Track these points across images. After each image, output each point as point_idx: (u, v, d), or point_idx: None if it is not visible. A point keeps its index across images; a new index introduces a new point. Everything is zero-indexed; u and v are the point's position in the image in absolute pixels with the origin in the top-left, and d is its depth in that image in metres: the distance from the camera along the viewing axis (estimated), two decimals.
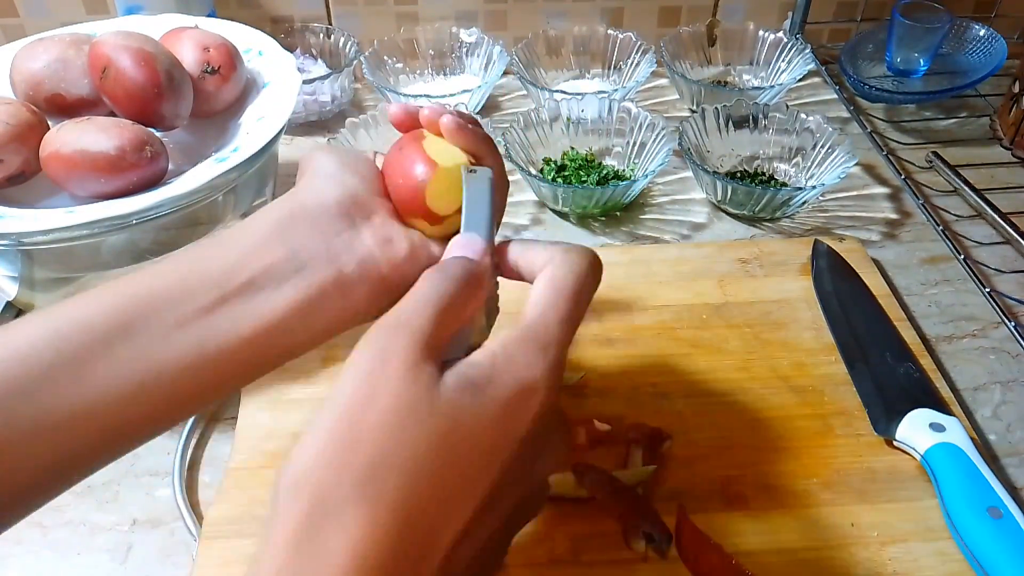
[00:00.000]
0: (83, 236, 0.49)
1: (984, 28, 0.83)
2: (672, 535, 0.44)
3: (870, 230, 0.70)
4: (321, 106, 0.82)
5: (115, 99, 0.55)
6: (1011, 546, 0.42)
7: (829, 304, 0.59)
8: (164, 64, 0.55)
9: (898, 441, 0.49)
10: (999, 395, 0.55)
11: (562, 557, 0.44)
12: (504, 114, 0.86)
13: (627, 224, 0.71)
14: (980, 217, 0.70)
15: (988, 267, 0.65)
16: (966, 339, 0.59)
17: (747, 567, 0.43)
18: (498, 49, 0.84)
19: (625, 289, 0.61)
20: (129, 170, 0.51)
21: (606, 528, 0.45)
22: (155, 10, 0.73)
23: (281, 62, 0.63)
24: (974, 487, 0.45)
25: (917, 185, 0.74)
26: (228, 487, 0.48)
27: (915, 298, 0.63)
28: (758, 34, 0.87)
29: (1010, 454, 0.51)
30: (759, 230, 0.70)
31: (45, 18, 0.85)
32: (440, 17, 0.89)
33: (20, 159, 0.52)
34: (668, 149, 0.69)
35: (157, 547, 0.47)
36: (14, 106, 0.53)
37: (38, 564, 0.46)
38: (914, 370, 0.54)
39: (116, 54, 0.54)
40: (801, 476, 0.48)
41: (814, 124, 0.72)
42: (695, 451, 0.50)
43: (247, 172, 0.55)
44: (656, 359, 0.56)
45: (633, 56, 0.86)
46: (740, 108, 0.74)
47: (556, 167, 0.74)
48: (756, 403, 0.53)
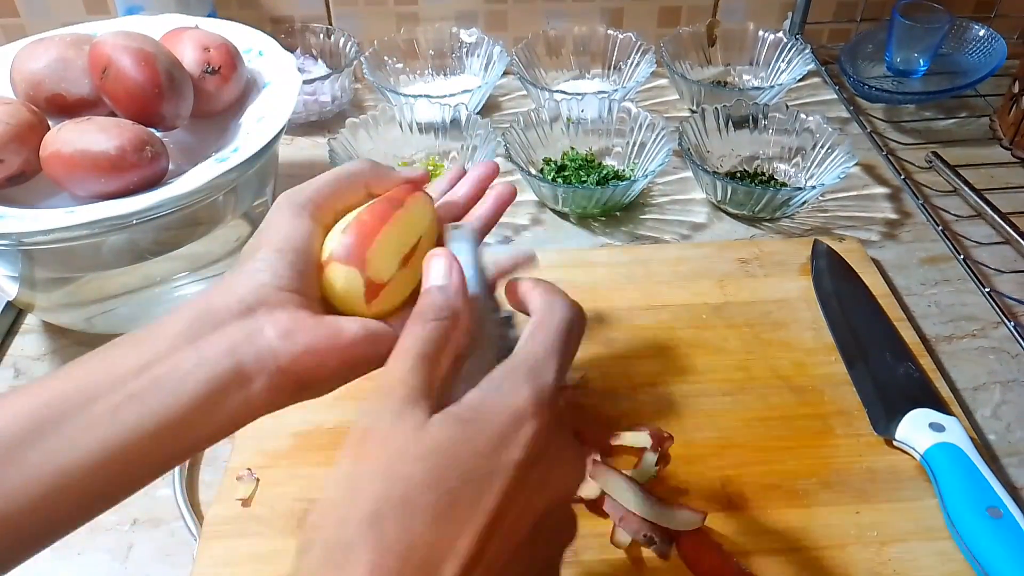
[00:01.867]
0: (83, 236, 0.49)
1: (984, 28, 0.84)
2: (673, 536, 0.44)
3: (870, 230, 0.70)
4: (321, 106, 0.82)
5: (115, 99, 0.55)
6: (1011, 546, 0.42)
7: (829, 304, 0.59)
8: (164, 64, 0.55)
9: (898, 441, 0.49)
10: (999, 395, 0.55)
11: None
12: (504, 114, 0.86)
13: (627, 224, 0.71)
14: (980, 217, 0.70)
15: (988, 267, 0.65)
16: (966, 339, 0.59)
17: (747, 567, 0.43)
18: (498, 49, 0.84)
19: (625, 289, 0.61)
20: (129, 170, 0.51)
21: (606, 528, 0.45)
22: (155, 10, 0.73)
23: (281, 62, 0.63)
24: (974, 487, 0.45)
25: (917, 185, 0.74)
26: (228, 487, 0.48)
27: (915, 298, 0.63)
28: (758, 34, 0.87)
29: (1010, 454, 0.51)
30: (759, 230, 0.70)
31: (45, 18, 0.85)
32: (440, 17, 0.89)
33: (20, 159, 0.52)
34: (668, 149, 0.69)
35: (157, 547, 0.47)
36: (14, 106, 0.53)
37: (38, 564, 0.45)
38: (914, 370, 0.54)
39: (116, 54, 0.53)
40: (801, 476, 0.48)
41: (814, 124, 0.72)
42: (695, 451, 0.50)
43: (247, 172, 0.55)
44: (656, 359, 0.56)
45: (633, 56, 0.86)
46: (740, 108, 0.74)
47: (556, 167, 0.74)
48: (756, 403, 0.53)
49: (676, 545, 0.44)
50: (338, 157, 0.68)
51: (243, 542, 0.45)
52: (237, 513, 0.47)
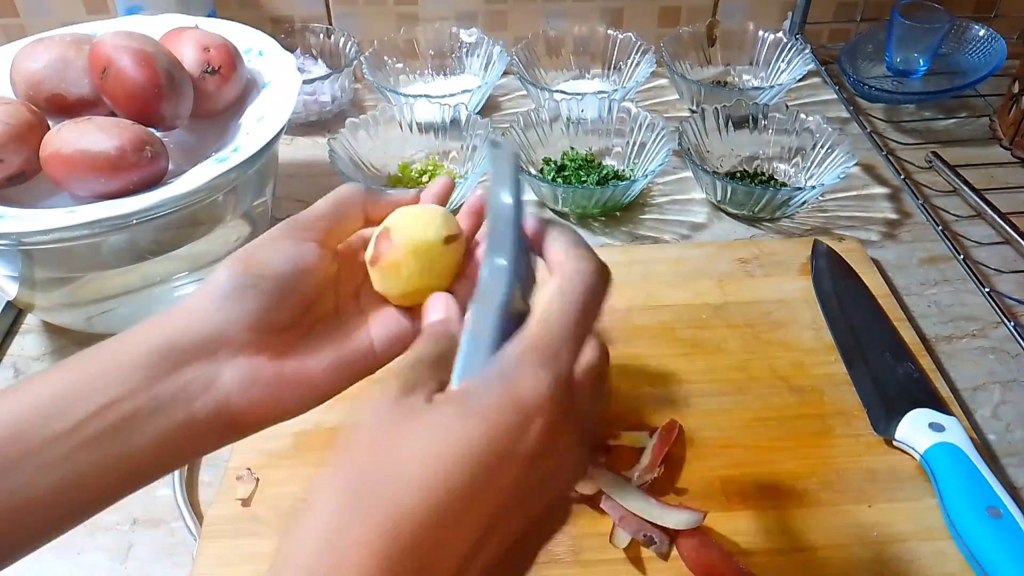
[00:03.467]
0: (83, 236, 0.49)
1: (984, 28, 0.84)
2: (673, 536, 0.44)
3: (870, 230, 0.70)
4: (321, 106, 0.82)
5: (115, 99, 0.55)
6: (1010, 546, 0.42)
7: (828, 304, 0.59)
8: (164, 64, 0.55)
9: (898, 441, 0.49)
10: (998, 395, 0.55)
11: (562, 557, 0.44)
12: (504, 114, 0.86)
13: (627, 224, 0.71)
14: (980, 217, 0.70)
15: (988, 267, 0.65)
16: (966, 339, 0.59)
17: (747, 567, 0.43)
18: (498, 49, 0.84)
19: (625, 289, 0.61)
20: (129, 170, 0.51)
21: (606, 528, 0.45)
22: (155, 10, 0.73)
23: (281, 62, 0.63)
24: (973, 487, 0.45)
25: (917, 185, 0.74)
26: (228, 487, 0.48)
27: (914, 298, 0.63)
28: (758, 34, 0.87)
29: (1010, 454, 0.51)
30: (759, 230, 0.70)
31: (45, 18, 0.85)
32: (440, 17, 0.89)
33: (20, 159, 0.52)
34: (668, 149, 0.69)
35: (157, 547, 0.47)
36: (14, 106, 0.53)
37: (38, 564, 0.46)
38: (913, 370, 0.54)
39: (116, 54, 0.54)
40: (801, 476, 0.48)
41: (814, 124, 0.72)
42: (695, 451, 0.50)
43: (247, 172, 0.55)
44: (656, 359, 0.56)
45: (633, 56, 0.86)
46: (740, 108, 0.74)
47: (556, 167, 0.74)
48: (756, 403, 0.53)
49: (676, 545, 0.44)
50: (338, 157, 0.68)
51: (243, 542, 0.45)
52: (237, 513, 0.47)
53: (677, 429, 0.50)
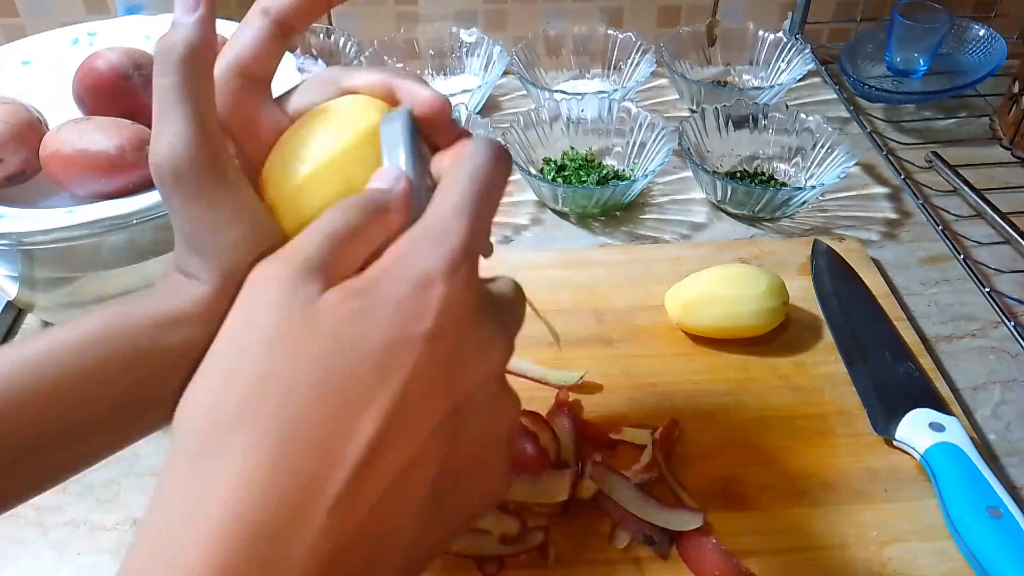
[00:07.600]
0: (83, 236, 0.49)
1: (984, 28, 0.84)
2: (673, 536, 0.44)
3: (870, 230, 0.70)
4: None
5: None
6: (1011, 546, 0.42)
7: (829, 304, 0.59)
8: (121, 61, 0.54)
9: (898, 441, 0.49)
10: (999, 395, 0.55)
11: (562, 557, 0.44)
12: (504, 114, 0.86)
13: (627, 224, 0.71)
14: (980, 217, 0.70)
15: (988, 267, 0.65)
16: (966, 339, 0.59)
17: (747, 567, 0.43)
18: (498, 49, 0.84)
19: (625, 289, 0.61)
20: (129, 170, 0.51)
21: (606, 528, 0.45)
22: (155, 10, 0.72)
23: (281, 62, 0.63)
24: (974, 487, 0.45)
25: (917, 185, 0.74)
26: None
27: (915, 298, 0.63)
28: (758, 34, 0.87)
29: (1010, 453, 0.51)
30: (759, 230, 0.70)
31: (45, 18, 0.85)
32: (440, 17, 0.89)
33: (20, 159, 0.52)
34: (668, 149, 0.69)
35: None
36: (14, 106, 0.53)
37: (38, 564, 0.46)
38: (914, 370, 0.54)
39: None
40: (801, 476, 0.48)
41: (814, 124, 0.72)
42: (695, 451, 0.50)
43: None
44: (656, 359, 0.56)
45: (633, 56, 0.86)
46: (740, 108, 0.74)
47: (556, 167, 0.74)
48: (756, 403, 0.53)
49: (676, 545, 0.44)
50: None
51: None
52: None
53: (677, 429, 0.50)
